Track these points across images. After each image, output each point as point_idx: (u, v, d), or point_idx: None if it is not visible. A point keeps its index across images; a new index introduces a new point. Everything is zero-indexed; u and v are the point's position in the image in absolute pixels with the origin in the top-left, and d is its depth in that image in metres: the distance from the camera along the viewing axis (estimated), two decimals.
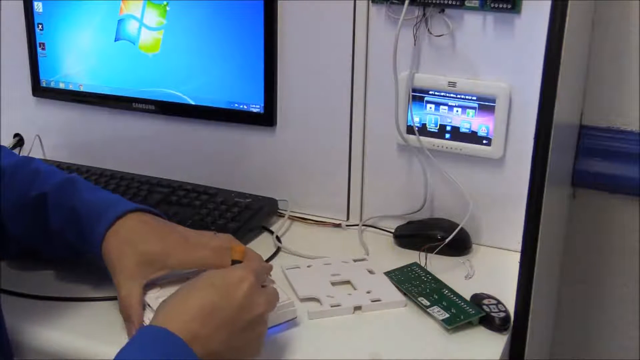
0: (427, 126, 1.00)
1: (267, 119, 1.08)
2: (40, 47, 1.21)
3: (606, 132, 1.13)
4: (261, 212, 1.06)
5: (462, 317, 0.82)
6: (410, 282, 0.90)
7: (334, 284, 0.90)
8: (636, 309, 1.20)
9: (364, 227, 1.06)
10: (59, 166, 1.18)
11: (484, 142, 0.97)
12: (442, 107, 0.99)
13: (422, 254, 0.96)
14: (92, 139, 1.24)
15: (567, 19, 0.69)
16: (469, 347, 0.79)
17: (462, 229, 0.98)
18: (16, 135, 1.30)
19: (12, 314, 0.78)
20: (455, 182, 1.00)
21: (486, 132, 0.97)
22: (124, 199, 0.86)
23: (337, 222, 1.08)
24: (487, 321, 0.82)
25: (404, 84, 0.99)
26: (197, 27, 1.09)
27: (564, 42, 0.70)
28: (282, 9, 1.04)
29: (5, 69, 1.26)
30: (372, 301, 0.86)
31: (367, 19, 0.99)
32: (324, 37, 1.02)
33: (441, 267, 0.94)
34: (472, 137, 0.98)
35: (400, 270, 0.93)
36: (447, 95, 0.98)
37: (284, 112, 1.08)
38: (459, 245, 0.99)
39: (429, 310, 0.84)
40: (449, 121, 0.99)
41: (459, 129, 0.98)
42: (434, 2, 0.94)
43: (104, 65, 1.17)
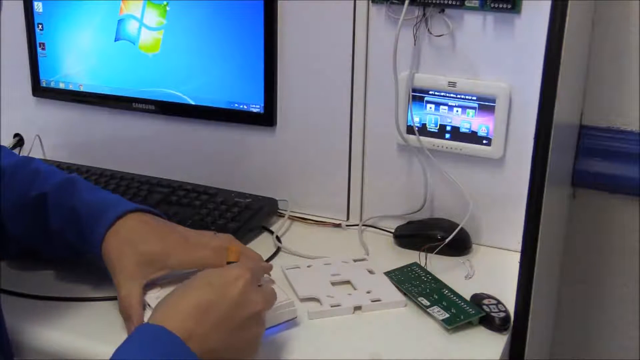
0: (427, 126, 1.00)
1: (267, 119, 1.08)
2: (40, 47, 1.21)
3: (606, 132, 1.13)
4: (261, 212, 1.06)
5: (462, 317, 0.82)
6: (410, 282, 0.90)
7: (334, 284, 0.90)
8: (636, 309, 1.20)
9: (364, 227, 1.06)
10: (59, 166, 1.18)
11: (484, 142, 0.97)
12: (442, 107, 0.99)
13: (422, 254, 0.96)
14: (92, 139, 1.24)
15: (567, 19, 0.69)
16: (469, 347, 0.79)
17: (462, 229, 0.98)
18: (16, 135, 1.30)
19: (12, 314, 0.78)
20: (455, 182, 1.00)
21: (486, 132, 0.97)
22: (124, 199, 0.86)
23: (337, 222, 1.08)
24: (487, 321, 0.82)
25: (404, 84, 0.99)
26: (197, 27, 1.09)
27: (564, 42, 0.70)
28: (282, 9, 1.04)
29: (5, 69, 1.25)
30: (372, 301, 0.86)
31: (367, 19, 0.99)
32: (324, 37, 1.02)
33: (441, 267, 0.94)
34: (472, 137, 0.98)
35: (400, 270, 0.93)
36: (447, 95, 0.98)
37: (284, 112, 1.08)
38: (459, 245, 0.99)
39: (429, 310, 0.84)
40: (449, 121, 0.99)
41: (459, 129, 0.98)
42: (434, 2, 0.94)
43: (104, 65, 1.17)
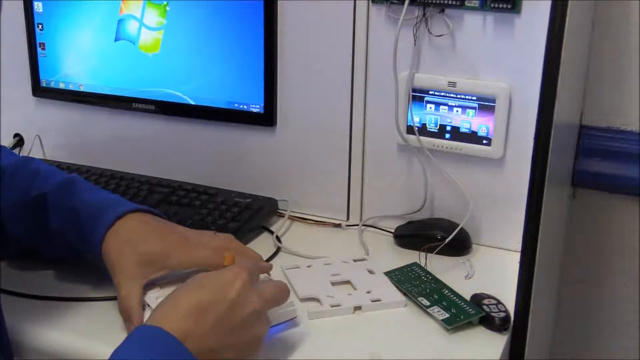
0: (427, 126, 1.00)
1: (267, 119, 1.08)
2: (40, 47, 1.21)
3: (606, 132, 1.13)
4: (261, 212, 1.06)
5: (462, 317, 0.82)
6: (410, 282, 0.90)
7: (334, 284, 0.90)
8: (636, 309, 1.20)
9: (364, 227, 1.06)
10: (59, 166, 1.18)
11: (484, 142, 0.97)
12: (442, 107, 0.99)
13: (422, 254, 0.96)
14: (92, 139, 1.24)
15: (567, 19, 0.69)
16: (469, 347, 0.79)
17: (462, 229, 0.98)
18: (16, 135, 1.30)
19: (12, 314, 0.78)
20: (455, 182, 1.00)
21: (486, 132, 0.97)
22: (124, 199, 0.86)
23: (337, 222, 1.08)
24: (487, 321, 0.82)
25: (404, 84, 0.99)
26: (197, 27, 1.09)
27: (564, 42, 0.70)
28: (282, 9, 1.04)
29: (5, 69, 1.25)
30: (372, 301, 0.86)
31: (367, 19, 0.99)
32: (324, 37, 1.02)
33: (441, 267, 0.94)
34: (472, 137, 0.98)
35: (400, 270, 0.93)
36: (447, 95, 0.98)
37: (284, 112, 1.08)
38: (459, 245, 0.99)
39: (429, 310, 0.84)
40: (449, 121, 0.99)
41: (459, 129, 0.98)
42: (434, 2, 0.94)
43: (104, 65, 1.17)
